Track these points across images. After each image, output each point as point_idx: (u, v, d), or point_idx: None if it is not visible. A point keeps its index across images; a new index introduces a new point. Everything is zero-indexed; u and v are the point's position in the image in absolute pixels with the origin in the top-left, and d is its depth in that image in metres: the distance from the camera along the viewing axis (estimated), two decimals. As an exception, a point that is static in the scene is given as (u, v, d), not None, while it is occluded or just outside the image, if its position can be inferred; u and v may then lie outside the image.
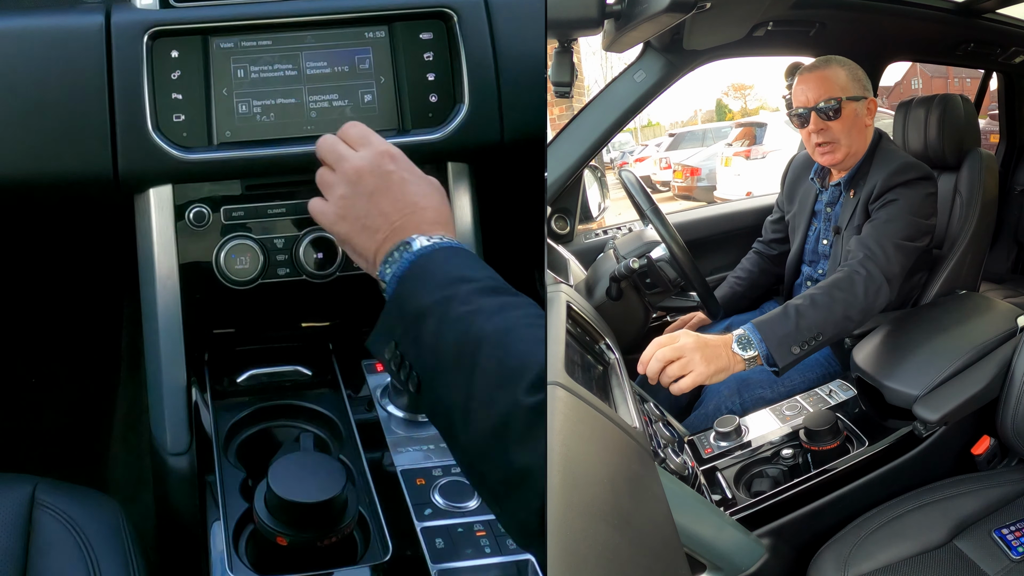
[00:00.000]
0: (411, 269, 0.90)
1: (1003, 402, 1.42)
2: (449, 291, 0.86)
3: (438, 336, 0.84)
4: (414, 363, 0.86)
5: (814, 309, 1.46)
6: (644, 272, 1.63)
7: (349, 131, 1.01)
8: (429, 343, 0.84)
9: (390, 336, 0.89)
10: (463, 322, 0.83)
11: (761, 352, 1.42)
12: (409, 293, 0.88)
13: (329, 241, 1.19)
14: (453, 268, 0.89)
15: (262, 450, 1.10)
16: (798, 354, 1.43)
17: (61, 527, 1.03)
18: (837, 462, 1.41)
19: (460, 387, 0.80)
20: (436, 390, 0.83)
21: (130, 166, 1.14)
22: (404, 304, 0.88)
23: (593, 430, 0.88)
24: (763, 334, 1.42)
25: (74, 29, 1.15)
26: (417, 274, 0.89)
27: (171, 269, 1.17)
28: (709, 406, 1.76)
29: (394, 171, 0.97)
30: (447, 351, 0.83)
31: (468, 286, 0.87)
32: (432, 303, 0.86)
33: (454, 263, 0.90)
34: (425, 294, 0.87)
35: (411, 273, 0.90)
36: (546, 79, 1.30)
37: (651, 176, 10.64)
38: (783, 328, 1.43)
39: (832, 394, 1.60)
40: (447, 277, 0.88)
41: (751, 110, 19.22)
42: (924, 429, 1.41)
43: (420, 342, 0.85)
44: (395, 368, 0.88)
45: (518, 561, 0.94)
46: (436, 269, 0.89)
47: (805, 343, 1.43)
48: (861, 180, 1.70)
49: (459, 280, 0.87)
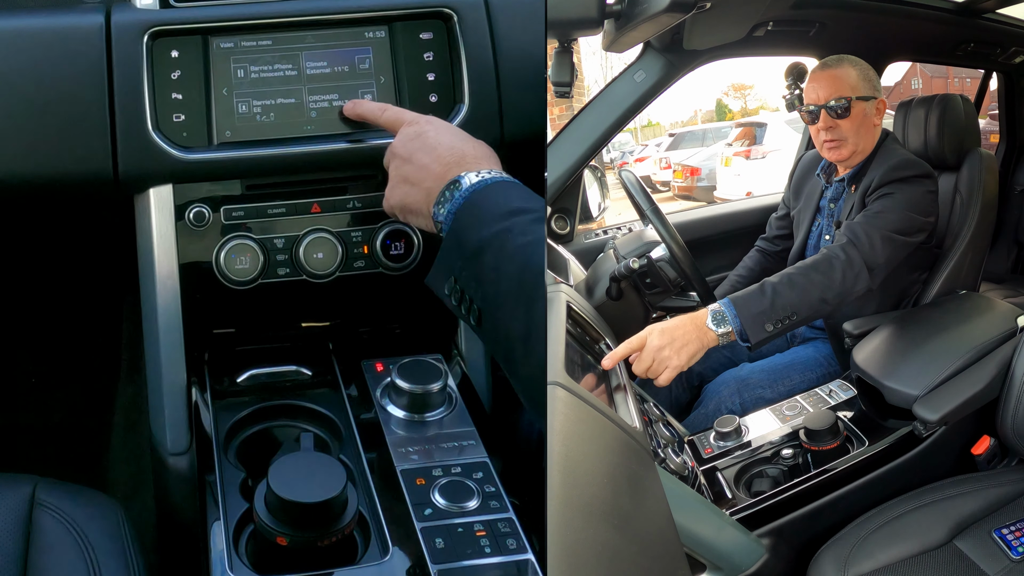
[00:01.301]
0: (465, 205, 0.92)
1: (1003, 402, 1.42)
2: (506, 223, 0.88)
3: (498, 269, 0.86)
4: (474, 297, 0.88)
5: (791, 288, 1.47)
6: (644, 272, 1.63)
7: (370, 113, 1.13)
8: (489, 277, 0.87)
9: (449, 272, 0.91)
10: (522, 254, 0.85)
11: (735, 327, 1.42)
12: (466, 227, 0.91)
13: (329, 241, 1.19)
14: (507, 200, 0.92)
15: (262, 450, 1.10)
16: (771, 331, 1.43)
17: (61, 527, 1.03)
18: (837, 462, 1.41)
19: (520, 319, 0.82)
20: (497, 322, 0.85)
21: (130, 166, 1.14)
22: (462, 238, 0.91)
23: (593, 430, 0.88)
24: (738, 309, 1.42)
25: (74, 29, 1.15)
26: (472, 208, 0.92)
27: (171, 269, 1.17)
28: (709, 406, 1.76)
29: (428, 131, 1.03)
30: (507, 284, 0.85)
31: (524, 217, 0.89)
32: (490, 236, 0.88)
33: (508, 195, 0.93)
34: (483, 227, 0.89)
35: (466, 208, 0.92)
36: (546, 79, 1.30)
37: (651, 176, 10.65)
38: (758, 305, 1.44)
39: (832, 394, 1.60)
40: (502, 209, 0.90)
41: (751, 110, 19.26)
42: (924, 429, 1.41)
43: (480, 276, 0.88)
44: (455, 303, 0.91)
45: (518, 561, 0.94)
46: (490, 202, 0.92)
47: (779, 321, 1.44)
48: (863, 176, 1.71)
49: (515, 212, 0.90)
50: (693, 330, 1.39)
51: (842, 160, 1.75)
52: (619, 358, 1.30)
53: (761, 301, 1.44)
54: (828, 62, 1.75)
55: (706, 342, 1.40)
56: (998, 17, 2.33)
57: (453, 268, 0.91)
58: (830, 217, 1.82)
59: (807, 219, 1.89)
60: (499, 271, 0.86)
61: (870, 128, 1.72)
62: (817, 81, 1.72)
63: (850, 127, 1.70)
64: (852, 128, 1.70)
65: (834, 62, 1.74)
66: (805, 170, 1.96)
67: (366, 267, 1.20)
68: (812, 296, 1.48)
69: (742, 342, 1.43)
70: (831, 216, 1.81)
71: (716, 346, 1.42)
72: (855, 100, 1.69)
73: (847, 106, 1.68)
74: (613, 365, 1.27)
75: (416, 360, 1.16)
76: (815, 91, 1.72)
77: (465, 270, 0.89)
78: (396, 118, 1.09)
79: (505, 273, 0.85)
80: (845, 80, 1.70)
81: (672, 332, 1.38)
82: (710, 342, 1.40)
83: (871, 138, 1.73)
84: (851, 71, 1.71)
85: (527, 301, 0.82)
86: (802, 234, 1.89)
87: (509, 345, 0.84)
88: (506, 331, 0.84)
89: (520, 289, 0.84)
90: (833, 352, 1.82)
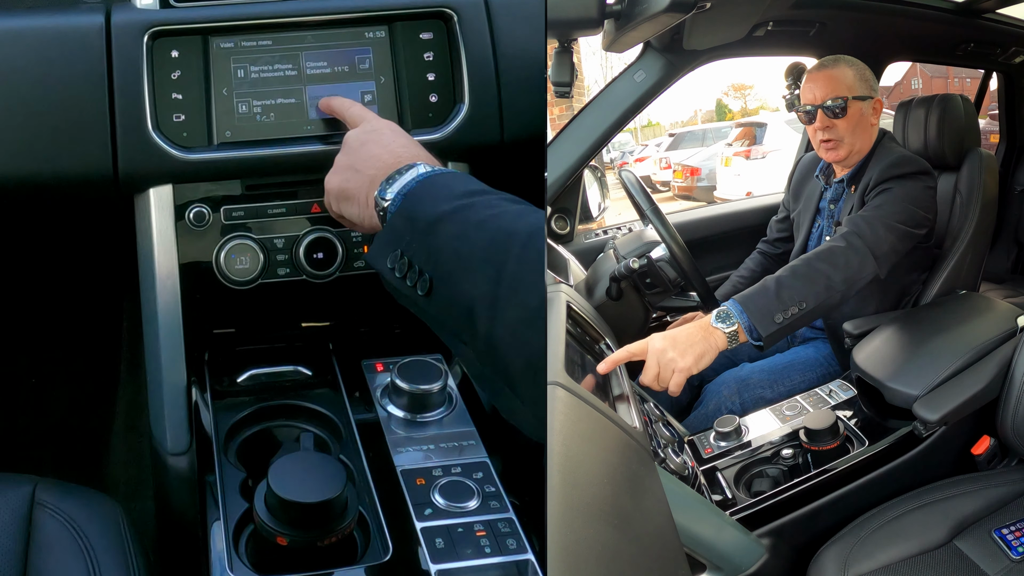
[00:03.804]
0: (419, 186, 0.91)
1: (1003, 402, 1.42)
2: (466, 200, 0.87)
3: (459, 237, 0.85)
4: (424, 267, 0.86)
5: (795, 279, 1.44)
6: (644, 272, 1.63)
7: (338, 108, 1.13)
8: (447, 245, 0.85)
9: (395, 245, 0.90)
10: (490, 222, 0.84)
11: (743, 323, 1.37)
12: (419, 204, 0.89)
13: (329, 241, 1.19)
14: (466, 184, 0.91)
15: (262, 450, 1.10)
16: (781, 323, 1.39)
17: (61, 527, 1.03)
18: (837, 462, 1.41)
19: (487, 279, 0.81)
20: (454, 287, 0.84)
21: (130, 166, 1.14)
22: (414, 214, 0.89)
23: (593, 430, 0.88)
24: (743, 306, 1.38)
25: (74, 29, 1.15)
26: (427, 189, 0.91)
27: (171, 269, 1.17)
28: (709, 406, 1.76)
29: (385, 129, 1.03)
30: (472, 248, 0.83)
31: (487, 196, 0.88)
32: (449, 210, 0.87)
33: (466, 181, 0.92)
34: (440, 203, 0.88)
35: (420, 189, 0.91)
36: (546, 79, 1.30)
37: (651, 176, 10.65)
38: (764, 298, 1.40)
39: (832, 394, 1.60)
40: (461, 190, 0.89)
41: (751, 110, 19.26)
42: (924, 429, 1.41)
43: (435, 246, 0.86)
44: (399, 275, 0.89)
45: (518, 561, 0.94)
46: (447, 185, 0.91)
47: (787, 311, 1.40)
48: (862, 176, 1.71)
49: (476, 192, 0.89)
50: (698, 331, 1.35)
51: (839, 161, 1.75)
52: (617, 363, 1.25)
53: (766, 294, 1.41)
54: (824, 62, 1.75)
55: (713, 342, 1.34)
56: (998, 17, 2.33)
57: (400, 241, 0.89)
58: (830, 218, 1.82)
59: (807, 221, 1.89)
60: (461, 239, 0.84)
61: (867, 128, 1.72)
62: (814, 81, 1.73)
63: (847, 127, 1.70)
64: (849, 128, 1.70)
65: (830, 62, 1.74)
66: (804, 172, 1.96)
67: (366, 267, 1.20)
68: (818, 284, 1.45)
69: (753, 340, 1.38)
70: (831, 217, 1.82)
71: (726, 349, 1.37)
72: (852, 100, 1.69)
73: (843, 106, 1.68)
74: (610, 369, 1.22)
75: (416, 360, 1.16)
76: (812, 91, 1.72)
77: (415, 242, 0.88)
78: (360, 114, 1.09)
79: (469, 240, 0.84)
80: (841, 80, 1.70)
81: (675, 335, 1.34)
82: (718, 342, 1.35)
83: (868, 138, 1.73)
84: (847, 71, 1.71)
85: (497, 263, 0.81)
86: (802, 236, 1.89)
87: (468, 310, 0.82)
88: (465, 296, 0.82)
89: (487, 252, 0.82)
90: (833, 352, 1.82)
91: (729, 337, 1.36)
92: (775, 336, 1.40)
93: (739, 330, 1.37)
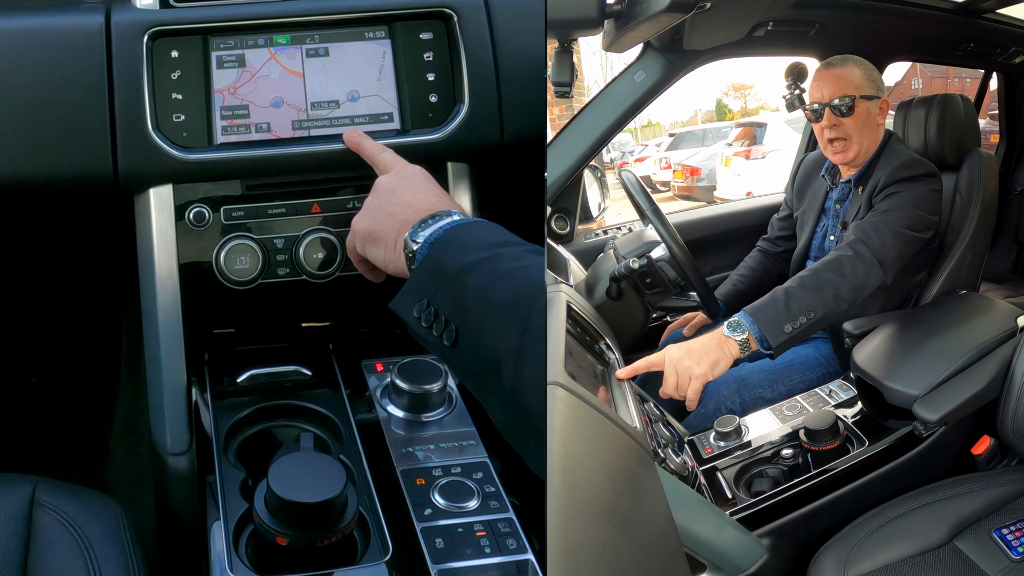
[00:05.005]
0: (447, 235, 0.91)
1: (1003, 402, 1.42)
2: (495, 251, 0.87)
3: (486, 287, 0.85)
4: (451, 317, 0.86)
5: (803, 289, 1.47)
6: (644, 272, 1.63)
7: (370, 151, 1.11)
8: (474, 295, 0.85)
9: (421, 295, 0.90)
10: (517, 273, 0.84)
11: (753, 333, 1.42)
12: (446, 254, 0.90)
13: (329, 241, 1.19)
14: (494, 235, 0.91)
15: (262, 450, 1.10)
16: (790, 332, 1.43)
17: (61, 527, 1.03)
18: (837, 462, 1.41)
19: (513, 331, 0.81)
20: (480, 338, 0.84)
21: (130, 166, 1.14)
22: (441, 264, 0.89)
23: (593, 430, 0.88)
24: (754, 316, 1.43)
25: (74, 29, 1.15)
26: (455, 239, 0.91)
27: (171, 269, 1.17)
28: (709, 406, 1.76)
29: (416, 174, 1.03)
30: (498, 299, 0.83)
31: (514, 248, 0.88)
32: (476, 260, 0.87)
33: (494, 232, 0.92)
34: (468, 253, 0.88)
35: (448, 238, 0.91)
36: (546, 79, 1.30)
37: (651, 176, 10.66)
38: (773, 309, 1.45)
39: (832, 394, 1.60)
40: (489, 241, 0.89)
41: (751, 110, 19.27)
42: (924, 429, 1.41)
43: (461, 295, 0.86)
44: (426, 325, 0.89)
45: (518, 561, 0.94)
46: (476, 236, 0.91)
47: (797, 321, 1.44)
48: (869, 177, 1.71)
49: (504, 243, 0.89)
50: (712, 340, 1.41)
51: (847, 161, 1.76)
52: (637, 371, 1.31)
53: (775, 305, 1.45)
54: (833, 61, 1.76)
55: (727, 351, 1.40)
56: (998, 17, 2.32)
57: (426, 291, 0.89)
58: (835, 218, 1.82)
59: (811, 220, 1.89)
60: (487, 289, 0.84)
61: (874, 128, 1.73)
62: (822, 80, 1.73)
63: (854, 126, 1.70)
64: (856, 127, 1.70)
65: (839, 61, 1.75)
66: (809, 171, 1.96)
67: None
68: (826, 293, 1.48)
69: (763, 349, 1.43)
70: (836, 217, 1.82)
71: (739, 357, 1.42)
72: (859, 99, 1.69)
73: (851, 105, 1.69)
74: (628, 377, 1.27)
75: (416, 360, 1.16)
76: (819, 89, 1.73)
77: (441, 291, 0.88)
78: (391, 161, 1.08)
79: (496, 290, 0.84)
80: (849, 79, 1.71)
81: (689, 345, 1.40)
82: (732, 351, 1.41)
83: (875, 138, 1.73)
84: (855, 70, 1.72)
85: (523, 314, 0.81)
86: (806, 235, 1.89)
87: (495, 361, 0.82)
88: (492, 347, 0.82)
89: (515, 302, 0.82)
90: (833, 352, 1.82)
91: (741, 346, 1.42)
92: (785, 345, 1.45)
93: (750, 339, 1.42)
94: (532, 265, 0.86)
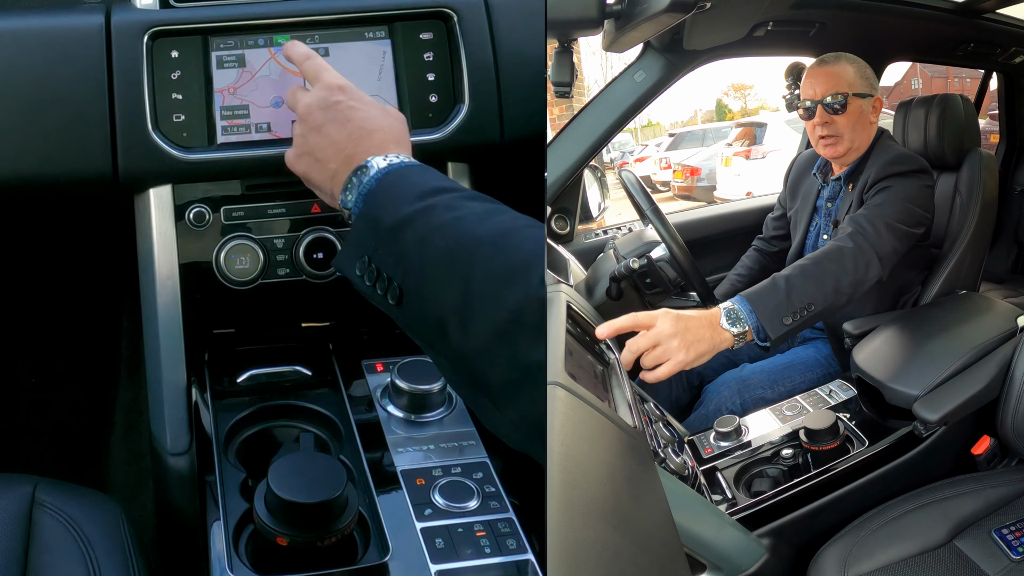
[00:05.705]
0: (378, 187, 0.89)
1: (1003, 402, 1.42)
2: (427, 201, 0.84)
3: (423, 243, 0.82)
4: (393, 275, 0.84)
5: (804, 280, 1.43)
6: (644, 272, 1.63)
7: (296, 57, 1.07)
8: (413, 252, 0.82)
9: (361, 251, 0.87)
10: (452, 227, 0.81)
11: (751, 324, 1.36)
12: (381, 207, 0.87)
13: (329, 241, 1.19)
14: (424, 181, 0.88)
15: (262, 450, 1.10)
16: (790, 325, 1.38)
17: (61, 527, 1.03)
18: (837, 462, 1.41)
19: (455, 291, 0.78)
20: (423, 298, 0.82)
21: (130, 166, 1.14)
22: (377, 218, 0.86)
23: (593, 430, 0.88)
24: (753, 305, 1.37)
25: (74, 29, 1.15)
26: (386, 190, 0.88)
27: (171, 269, 1.17)
28: (709, 406, 1.76)
29: (342, 100, 0.99)
30: (436, 256, 0.81)
31: (447, 195, 0.85)
32: (411, 212, 0.84)
33: (424, 177, 0.89)
34: (401, 205, 0.85)
35: (379, 189, 0.89)
36: (546, 79, 1.30)
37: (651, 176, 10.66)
38: (773, 299, 1.39)
39: (832, 394, 1.60)
40: (421, 189, 0.87)
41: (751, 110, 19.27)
42: (924, 429, 1.41)
43: (400, 253, 0.83)
44: (369, 283, 0.87)
45: (518, 561, 0.94)
46: (406, 183, 0.88)
47: (796, 313, 1.39)
48: (859, 174, 1.71)
49: (436, 191, 0.86)
50: (707, 328, 1.32)
51: (837, 157, 1.75)
52: (619, 329, 1.23)
53: (776, 294, 1.40)
54: (826, 59, 1.76)
55: (718, 343, 1.33)
56: (998, 17, 2.33)
57: (366, 247, 0.87)
58: (827, 216, 1.82)
59: (804, 219, 1.89)
60: (424, 245, 0.82)
61: (866, 126, 1.72)
62: (814, 77, 1.73)
63: (846, 124, 1.70)
64: (848, 125, 1.70)
65: (832, 59, 1.75)
66: (801, 170, 1.96)
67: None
68: (827, 285, 1.44)
69: (760, 341, 1.38)
70: (828, 215, 1.82)
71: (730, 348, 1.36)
72: (852, 97, 1.69)
73: (844, 102, 1.69)
74: (610, 335, 1.20)
75: (416, 360, 1.16)
76: (812, 87, 1.72)
77: (381, 248, 0.85)
78: (315, 73, 1.03)
79: (433, 246, 0.81)
80: (842, 77, 1.70)
81: (687, 322, 1.29)
82: (722, 343, 1.34)
83: (867, 135, 1.73)
84: (848, 68, 1.71)
85: (463, 273, 0.78)
86: (800, 234, 1.90)
87: (440, 323, 0.80)
88: (436, 308, 0.80)
89: (453, 261, 0.79)
90: (833, 352, 1.82)
91: (736, 339, 1.35)
92: (782, 338, 1.39)
93: (747, 333, 1.36)
94: (466, 216, 0.82)
